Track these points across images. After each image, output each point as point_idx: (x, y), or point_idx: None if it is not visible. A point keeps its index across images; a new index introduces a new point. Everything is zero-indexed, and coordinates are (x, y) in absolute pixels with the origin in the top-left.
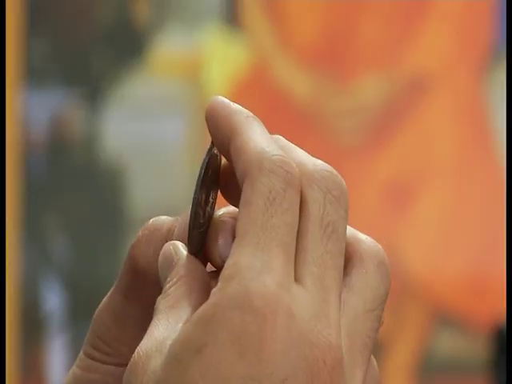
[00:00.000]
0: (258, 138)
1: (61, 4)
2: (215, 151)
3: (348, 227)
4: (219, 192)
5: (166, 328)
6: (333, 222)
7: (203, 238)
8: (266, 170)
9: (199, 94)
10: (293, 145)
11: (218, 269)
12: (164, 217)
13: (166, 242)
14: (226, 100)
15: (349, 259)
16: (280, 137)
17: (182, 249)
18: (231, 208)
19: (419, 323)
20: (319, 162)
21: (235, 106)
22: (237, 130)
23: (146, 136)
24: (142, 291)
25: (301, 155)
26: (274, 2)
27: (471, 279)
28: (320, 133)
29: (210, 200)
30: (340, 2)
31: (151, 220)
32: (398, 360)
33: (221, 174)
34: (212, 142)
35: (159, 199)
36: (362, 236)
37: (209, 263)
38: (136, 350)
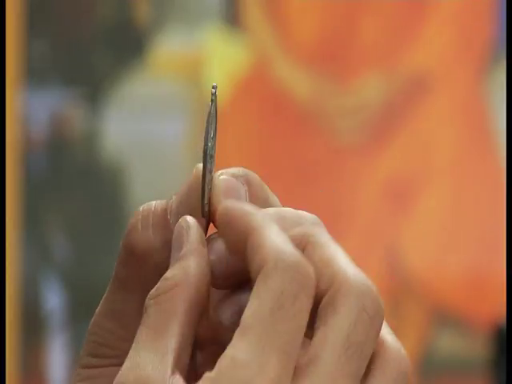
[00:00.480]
0: (276, 237)
1: (61, 3)
2: (215, 97)
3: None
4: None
5: (151, 361)
6: (359, 342)
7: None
8: (280, 269)
9: (199, 93)
10: (334, 246)
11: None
12: (153, 201)
13: (164, 220)
14: (240, 202)
15: (371, 361)
16: (322, 236)
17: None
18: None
19: (419, 322)
20: (360, 273)
21: (251, 207)
22: (254, 227)
23: (147, 135)
24: (142, 277)
25: (341, 259)
26: (275, 1)
27: (472, 278)
28: (320, 132)
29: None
30: (340, 1)
31: (141, 207)
32: None
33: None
34: (213, 87)
35: (159, 198)
36: (389, 338)
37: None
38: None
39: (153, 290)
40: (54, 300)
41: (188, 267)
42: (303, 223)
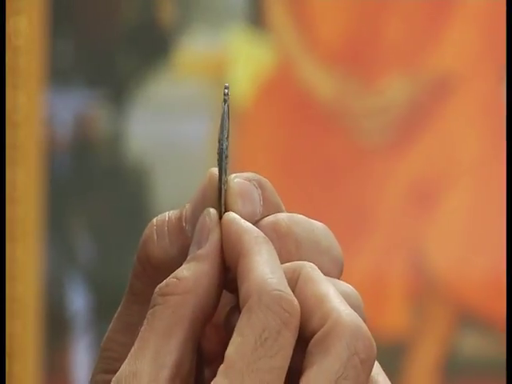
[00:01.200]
0: (263, 266)
1: (85, 4)
2: (227, 97)
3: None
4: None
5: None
6: None
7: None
8: (263, 305)
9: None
10: (327, 282)
11: None
12: (167, 212)
13: (180, 228)
14: (238, 216)
15: None
16: (315, 270)
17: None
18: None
19: (443, 323)
20: (353, 313)
21: (246, 225)
22: (244, 251)
23: (171, 136)
24: None
25: (335, 298)
26: (299, 1)
27: (496, 280)
28: (345, 133)
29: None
30: (365, 1)
31: (154, 219)
32: (422, 361)
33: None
34: (226, 88)
35: (184, 199)
36: (380, 379)
37: None
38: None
39: (162, 284)
40: (78, 301)
41: (202, 273)
42: (314, 230)
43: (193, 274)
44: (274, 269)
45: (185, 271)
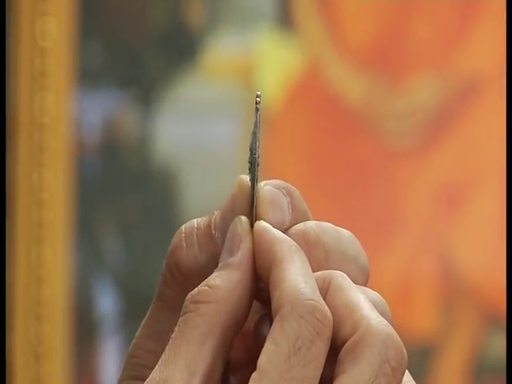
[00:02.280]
0: (296, 274)
1: (114, 5)
2: (259, 106)
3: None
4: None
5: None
6: None
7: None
8: (297, 314)
9: (252, 96)
10: (357, 291)
11: None
12: (196, 219)
13: (209, 236)
14: (269, 225)
15: None
16: (345, 278)
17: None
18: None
19: (472, 325)
20: (383, 321)
21: (278, 234)
22: (276, 260)
23: (199, 139)
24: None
25: (365, 306)
26: (327, 3)
27: None
28: (373, 135)
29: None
30: (394, 2)
31: (183, 226)
32: (450, 363)
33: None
34: (258, 96)
35: (212, 202)
36: None
37: None
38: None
39: (194, 292)
40: (106, 303)
41: (234, 282)
42: (341, 238)
43: (225, 283)
44: (307, 278)
45: (217, 279)
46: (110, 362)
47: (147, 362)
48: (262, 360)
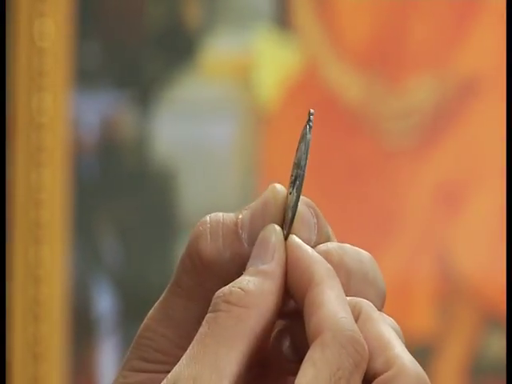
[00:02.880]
0: (336, 302)
1: (111, 6)
2: (312, 123)
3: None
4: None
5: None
6: None
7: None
8: (338, 342)
9: (250, 96)
10: (386, 324)
11: None
12: (221, 213)
13: (235, 234)
14: (303, 243)
15: None
16: (374, 310)
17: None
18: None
19: (470, 325)
20: (415, 361)
21: (314, 254)
22: (315, 281)
23: (197, 139)
24: (207, 287)
25: (398, 344)
26: (325, 2)
27: None
28: (371, 135)
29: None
30: (391, 2)
31: (208, 216)
32: (449, 362)
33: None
34: (311, 114)
35: (210, 202)
36: None
37: None
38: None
39: (226, 291)
40: (104, 303)
41: (267, 291)
42: (362, 260)
43: (259, 290)
44: (346, 307)
45: (250, 284)
46: (107, 361)
47: (158, 345)
48: (302, 381)
